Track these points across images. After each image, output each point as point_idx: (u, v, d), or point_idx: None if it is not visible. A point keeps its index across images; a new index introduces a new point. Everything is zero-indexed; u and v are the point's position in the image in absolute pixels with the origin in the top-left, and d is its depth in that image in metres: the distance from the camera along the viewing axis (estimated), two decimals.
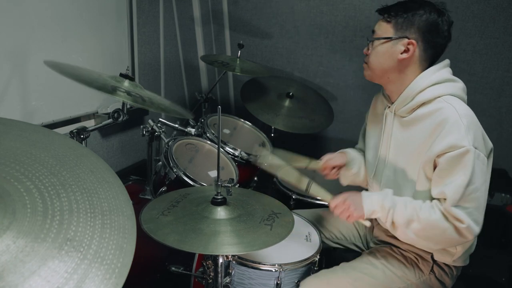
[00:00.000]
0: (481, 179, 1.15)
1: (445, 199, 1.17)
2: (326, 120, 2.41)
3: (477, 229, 1.16)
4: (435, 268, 1.36)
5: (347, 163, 1.55)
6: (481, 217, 1.17)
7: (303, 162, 1.54)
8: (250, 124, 2.31)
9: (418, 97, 1.24)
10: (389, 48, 1.26)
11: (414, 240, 1.24)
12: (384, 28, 1.26)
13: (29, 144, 0.77)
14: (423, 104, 1.25)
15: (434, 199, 1.25)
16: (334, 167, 1.55)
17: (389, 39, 1.25)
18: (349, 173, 1.56)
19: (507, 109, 2.39)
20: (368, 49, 1.32)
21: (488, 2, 2.25)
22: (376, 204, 1.26)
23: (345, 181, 1.60)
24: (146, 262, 1.57)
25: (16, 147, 0.75)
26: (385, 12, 1.26)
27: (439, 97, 1.22)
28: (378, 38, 1.27)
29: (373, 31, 1.30)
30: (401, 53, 1.24)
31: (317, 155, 1.49)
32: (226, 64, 2.15)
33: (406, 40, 1.23)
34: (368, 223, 1.30)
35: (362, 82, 2.68)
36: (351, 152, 1.60)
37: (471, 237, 1.17)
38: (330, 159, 1.56)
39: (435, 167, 1.21)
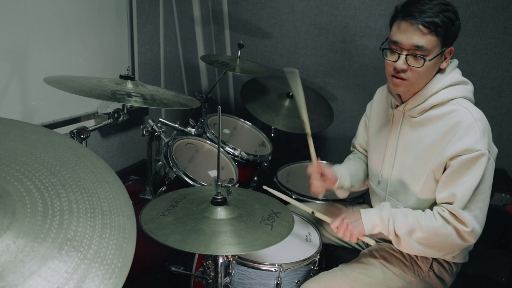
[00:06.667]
0: (489, 182, 1.18)
1: (452, 202, 1.18)
2: (326, 120, 2.41)
3: (479, 231, 1.18)
4: (434, 265, 1.36)
5: (338, 179, 1.49)
6: (484, 219, 1.19)
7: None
8: (250, 124, 2.31)
9: (432, 98, 1.24)
10: (437, 61, 1.20)
11: (418, 249, 1.25)
12: (433, 43, 1.15)
13: (29, 144, 0.77)
14: (435, 105, 1.24)
15: (434, 205, 1.26)
16: (322, 174, 1.46)
17: (440, 54, 1.18)
18: (343, 189, 1.53)
19: (507, 109, 2.39)
20: (405, 62, 1.18)
21: (488, 2, 2.25)
22: (374, 217, 1.27)
23: (342, 195, 1.57)
24: (146, 262, 1.57)
25: (16, 147, 0.75)
26: (434, 27, 1.13)
27: (452, 99, 1.23)
28: (432, 58, 1.16)
29: (417, 46, 1.15)
30: (442, 62, 1.22)
31: (317, 155, 1.48)
32: (226, 64, 2.15)
33: (449, 48, 1.20)
34: (372, 242, 1.30)
35: (362, 82, 2.68)
36: (338, 170, 1.53)
37: (473, 241, 1.20)
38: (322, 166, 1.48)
39: (444, 169, 1.21)
